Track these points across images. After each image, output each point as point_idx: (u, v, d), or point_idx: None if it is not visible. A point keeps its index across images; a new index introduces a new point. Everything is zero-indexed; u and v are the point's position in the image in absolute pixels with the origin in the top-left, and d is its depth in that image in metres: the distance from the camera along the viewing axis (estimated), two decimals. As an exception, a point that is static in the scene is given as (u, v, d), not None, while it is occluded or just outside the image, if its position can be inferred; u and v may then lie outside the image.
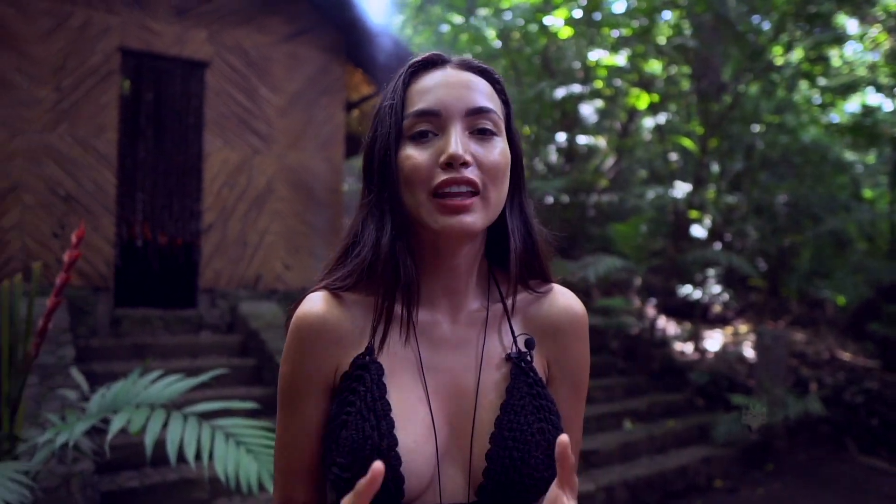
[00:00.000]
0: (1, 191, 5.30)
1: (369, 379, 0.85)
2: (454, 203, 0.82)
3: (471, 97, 0.86)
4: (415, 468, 0.81)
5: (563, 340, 0.94)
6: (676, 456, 5.80)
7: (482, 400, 0.87)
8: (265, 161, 6.57)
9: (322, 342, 0.89)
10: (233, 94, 6.40)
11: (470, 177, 0.82)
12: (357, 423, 0.82)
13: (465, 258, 0.89)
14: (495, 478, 0.83)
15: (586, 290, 8.89)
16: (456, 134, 0.83)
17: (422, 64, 0.90)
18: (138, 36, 5.90)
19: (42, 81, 5.47)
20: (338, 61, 6.93)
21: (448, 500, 0.84)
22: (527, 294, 0.95)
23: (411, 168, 0.84)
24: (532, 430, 0.84)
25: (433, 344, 0.89)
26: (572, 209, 9.16)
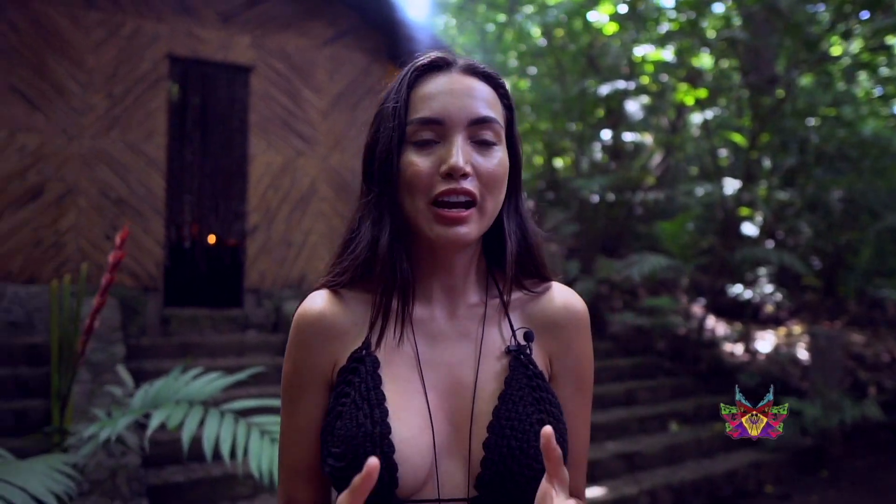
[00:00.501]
0: (58, 195, 5.52)
1: (364, 371, 0.86)
2: (451, 214, 0.83)
3: (474, 107, 0.86)
4: (409, 457, 0.81)
5: (563, 336, 0.94)
6: (724, 460, 5.64)
7: (481, 392, 0.87)
8: (308, 162, 6.67)
9: (320, 338, 0.90)
10: (276, 97, 6.52)
11: (469, 188, 0.84)
12: (351, 413, 0.83)
13: (461, 260, 0.92)
14: (493, 468, 0.82)
15: (632, 290, 8.73)
16: (458, 144, 0.84)
17: (426, 67, 0.90)
18: (185, 43, 6.07)
19: (95, 89, 5.68)
20: (379, 63, 6.98)
21: (447, 495, 0.83)
22: (524, 293, 0.96)
23: (412, 175, 0.85)
24: (531, 421, 0.84)
25: (431, 338, 0.90)
26: (618, 207, 9.01)
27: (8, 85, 5.43)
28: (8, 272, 5.33)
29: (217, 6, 6.22)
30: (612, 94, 8.25)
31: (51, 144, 5.52)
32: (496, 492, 0.83)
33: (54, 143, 5.53)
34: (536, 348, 0.93)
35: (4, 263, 5.34)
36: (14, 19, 5.46)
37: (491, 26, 12.14)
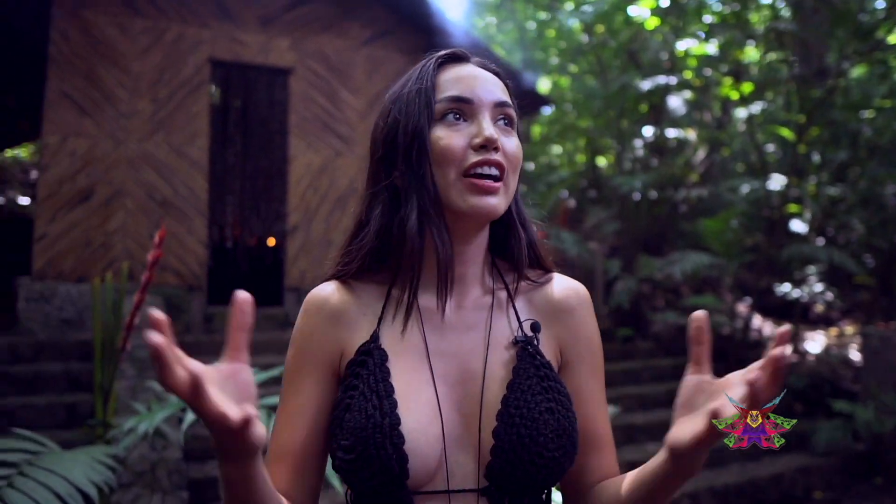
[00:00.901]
0: (106, 196, 5.71)
1: (372, 363, 0.86)
2: (485, 184, 0.85)
3: (497, 91, 0.91)
4: (419, 448, 0.81)
5: (571, 321, 0.96)
6: (771, 464, 5.47)
7: (489, 382, 0.88)
8: (347, 162, 6.74)
9: (325, 325, 0.91)
10: (315, 98, 6.61)
11: (500, 160, 0.86)
12: (360, 405, 0.83)
13: (473, 246, 0.92)
14: (503, 456, 0.82)
15: (675, 289, 8.56)
16: (487, 120, 0.88)
17: (448, 56, 0.94)
18: (227, 47, 6.20)
19: (141, 94, 5.85)
20: (417, 62, 7.00)
21: (457, 485, 0.84)
22: (527, 283, 0.97)
23: (445, 147, 0.86)
24: (540, 409, 0.84)
25: (439, 330, 0.91)
26: (661, 205, 8.85)
27: (60, 92, 5.64)
28: (60, 272, 5.54)
29: (257, 10, 6.34)
30: (654, 90, 8.10)
31: (99, 148, 5.72)
32: (506, 480, 0.83)
33: (103, 147, 5.73)
34: (545, 337, 0.94)
35: (57, 263, 5.56)
36: (66, 29, 5.68)
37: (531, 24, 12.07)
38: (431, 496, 0.83)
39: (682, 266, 6.18)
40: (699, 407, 0.73)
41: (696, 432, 0.69)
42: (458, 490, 0.84)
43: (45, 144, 5.66)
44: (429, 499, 0.83)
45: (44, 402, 4.28)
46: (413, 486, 0.82)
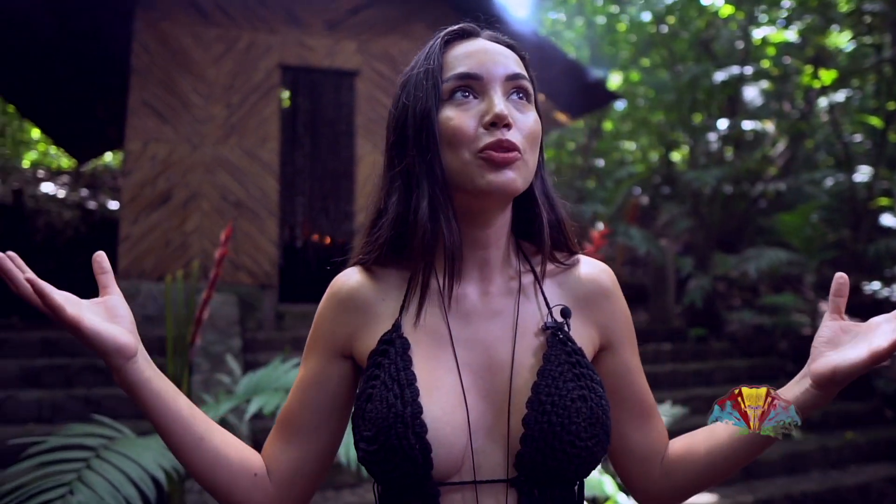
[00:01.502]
0: (184, 199, 5.99)
1: (394, 352, 0.84)
2: (501, 157, 0.80)
3: (509, 64, 0.87)
4: (443, 438, 0.79)
5: (607, 303, 0.93)
6: (856, 472, 5.17)
7: (519, 369, 0.85)
8: (413, 162, 6.80)
9: (338, 309, 0.91)
10: (381, 99, 6.70)
11: (513, 139, 0.82)
12: (381, 395, 0.81)
13: (495, 229, 0.88)
14: (534, 444, 0.79)
15: (752, 287, 8.22)
16: (498, 96, 0.83)
17: (455, 33, 0.91)
18: (295, 52, 6.38)
19: (215, 100, 6.10)
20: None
21: (485, 476, 0.81)
22: (554, 266, 0.93)
23: (455, 127, 0.83)
24: (572, 396, 0.81)
25: (464, 317, 0.88)
26: (737, 200, 8.50)
27: (141, 100, 5.95)
28: (142, 271, 5.85)
29: (324, 15, 6.49)
30: (729, 81, 7.80)
31: (177, 153, 6.00)
32: (537, 470, 0.80)
33: (180, 151, 6.01)
34: (579, 322, 0.91)
35: (139, 263, 5.87)
36: (146, 41, 5.99)
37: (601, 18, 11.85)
38: (458, 487, 0.81)
39: (757, 263, 5.92)
40: (844, 344, 0.81)
41: (858, 359, 0.77)
42: (486, 481, 0.81)
43: (128, 151, 5.99)
44: (455, 490, 0.81)
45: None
46: (438, 477, 0.80)
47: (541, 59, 6.74)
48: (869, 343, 0.77)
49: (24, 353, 4.92)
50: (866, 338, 0.79)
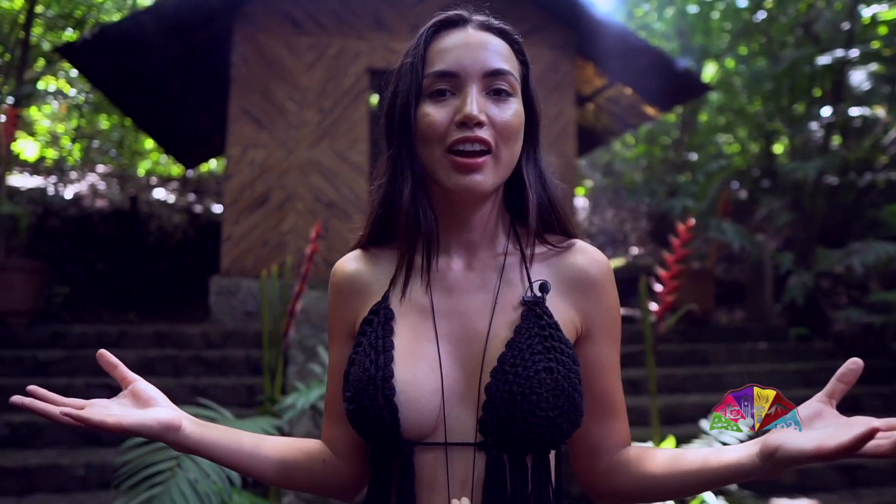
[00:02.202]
0: (280, 200, 6.31)
1: (377, 322, 0.91)
2: (467, 162, 0.85)
3: (488, 59, 0.88)
4: (412, 400, 0.84)
5: (593, 293, 0.94)
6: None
7: (493, 340, 0.89)
8: (498, 161, 6.85)
9: (344, 292, 0.98)
10: (466, 99, 6.80)
11: (483, 136, 0.85)
12: (360, 360, 0.88)
13: (479, 214, 0.93)
14: (494, 412, 0.83)
15: (861, 284, 7.71)
16: (472, 94, 0.86)
17: (443, 23, 0.92)
18: (382, 56, 6.58)
19: (308, 105, 6.39)
20: (567, 58, 6.96)
21: (457, 439, 0.86)
22: (547, 248, 0.96)
23: (428, 125, 0.87)
24: (537, 368, 0.84)
25: (447, 290, 0.93)
26: (842, 191, 8.00)
27: (241, 108, 6.32)
28: (243, 269, 6.21)
29: (409, 19, 6.65)
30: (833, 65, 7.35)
31: (274, 157, 6.33)
32: (499, 436, 0.83)
33: (276, 155, 6.34)
34: (565, 305, 0.93)
35: (240, 261, 6.23)
36: (244, 53, 6.35)
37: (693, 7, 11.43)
38: (431, 448, 0.86)
39: (863, 257, 5.56)
40: (813, 428, 0.75)
41: (802, 449, 0.71)
42: (455, 443, 0.85)
43: (229, 156, 6.37)
44: (428, 450, 0.86)
45: (229, 382, 4.84)
46: (411, 437, 0.85)
47: (626, 53, 6.62)
48: (822, 439, 0.70)
49: (139, 344, 5.35)
50: (829, 431, 0.72)
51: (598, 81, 7.91)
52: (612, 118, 8.87)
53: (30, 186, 9.22)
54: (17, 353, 4.92)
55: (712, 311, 6.79)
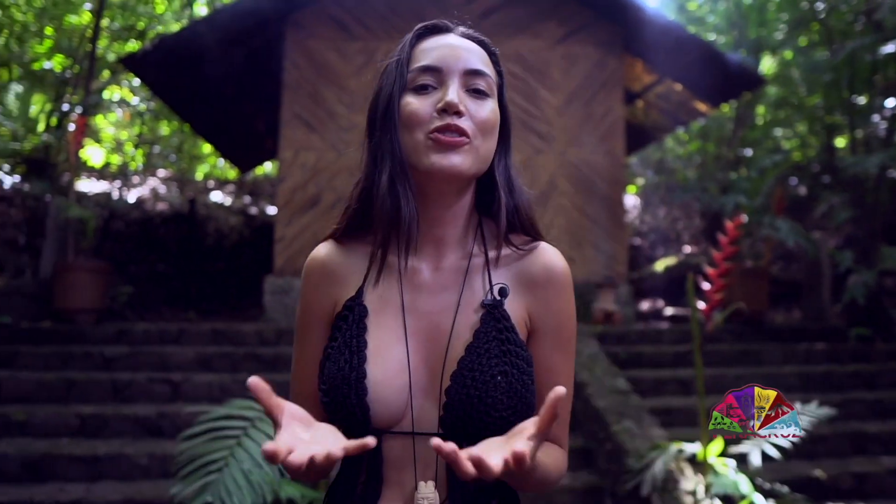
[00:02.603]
0: (331, 201, 6.46)
1: (351, 319, 0.96)
2: (447, 139, 0.89)
3: (469, 59, 0.95)
4: (383, 399, 0.91)
5: (542, 295, 0.99)
6: None
7: (455, 341, 0.94)
8: (546, 159, 6.85)
9: (321, 283, 1.01)
10: (513, 98, 6.81)
11: (462, 125, 0.90)
12: (335, 357, 0.94)
13: (452, 210, 0.97)
14: (453, 412, 0.90)
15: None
16: (454, 86, 0.92)
17: (428, 28, 1.00)
18: (430, 58, 6.65)
19: (357, 108, 6.53)
20: (614, 55, 6.90)
21: (422, 429, 0.92)
22: (513, 250, 1.00)
23: (411, 112, 0.92)
24: (493, 372, 0.90)
25: (416, 288, 0.97)
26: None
27: (293, 113, 6.50)
28: (295, 269, 6.39)
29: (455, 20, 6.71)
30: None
31: (324, 160, 6.49)
32: (457, 431, 0.90)
33: (327, 158, 6.49)
34: (517, 304, 0.98)
35: (292, 261, 6.41)
36: (296, 59, 6.53)
37: (749, -1, 11.13)
38: (398, 436, 0.93)
39: (928, 254, 5.34)
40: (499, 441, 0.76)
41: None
42: (421, 433, 0.92)
43: (282, 159, 6.56)
44: (396, 438, 0.93)
45: (282, 378, 4.98)
46: (380, 426, 0.91)
47: (676, 48, 6.52)
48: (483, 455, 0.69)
49: (198, 341, 5.56)
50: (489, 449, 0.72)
51: (647, 78, 7.81)
52: (662, 115, 8.74)
53: (96, 191, 9.67)
54: (86, 349, 5.19)
55: (766, 311, 6.62)
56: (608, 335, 5.91)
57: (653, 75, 7.73)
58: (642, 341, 6.01)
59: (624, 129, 6.99)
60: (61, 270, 5.81)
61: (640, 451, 3.73)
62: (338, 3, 6.65)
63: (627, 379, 4.80)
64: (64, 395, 4.69)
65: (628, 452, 3.79)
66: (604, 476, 4.01)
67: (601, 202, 6.87)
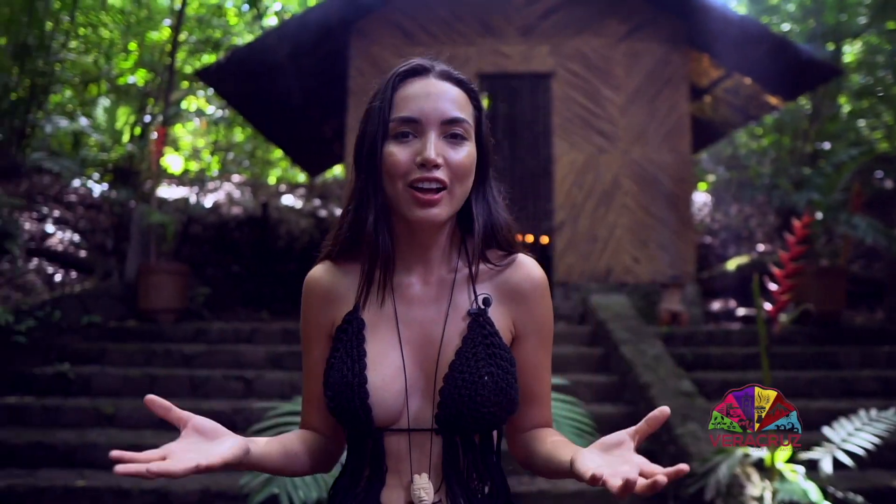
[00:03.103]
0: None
1: (351, 331, 1.08)
2: (425, 198, 1.00)
3: (446, 109, 1.02)
4: (382, 401, 1.03)
5: (524, 303, 1.11)
6: None
7: (445, 347, 1.06)
8: (610, 159, 6.79)
9: (319, 301, 1.13)
10: (576, 98, 6.79)
11: (439, 177, 1.00)
12: (338, 366, 1.05)
13: (435, 237, 1.09)
14: (447, 409, 1.03)
15: None
16: (431, 140, 1.00)
17: (407, 72, 1.06)
18: (491, 60, 6.71)
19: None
20: (678, 51, 6.77)
21: (416, 426, 1.05)
22: (490, 266, 1.11)
23: (393, 163, 1.01)
24: (481, 373, 1.02)
25: (408, 301, 1.09)
26: None
27: (358, 118, 6.63)
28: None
29: (517, 22, 6.74)
30: None
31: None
32: (451, 426, 1.03)
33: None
34: (502, 313, 1.10)
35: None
36: (360, 66, 6.71)
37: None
38: (397, 433, 1.05)
39: None
40: (606, 455, 0.85)
41: (590, 473, 0.79)
42: (417, 429, 1.05)
43: (348, 163, 6.72)
44: (395, 434, 1.05)
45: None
46: (381, 425, 1.04)
47: (743, 41, 6.34)
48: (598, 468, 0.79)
49: (269, 340, 5.81)
50: (609, 463, 0.82)
51: (714, 72, 7.62)
52: (731, 110, 8.49)
53: (175, 197, 10.18)
54: (166, 347, 5.51)
55: (842, 312, 6.34)
56: (674, 336, 5.81)
57: (720, 70, 7.53)
58: (710, 343, 5.88)
59: (690, 125, 6.85)
60: (144, 273, 6.17)
61: (705, 455, 3.67)
62: (400, 10, 6.80)
63: (693, 381, 4.72)
64: (147, 389, 4.99)
65: (692, 456, 3.73)
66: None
67: (667, 201, 6.75)
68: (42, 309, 5.43)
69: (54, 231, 7.45)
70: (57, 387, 5.02)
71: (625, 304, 6.19)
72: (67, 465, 4.21)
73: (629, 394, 4.82)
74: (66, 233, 7.52)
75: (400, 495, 1.04)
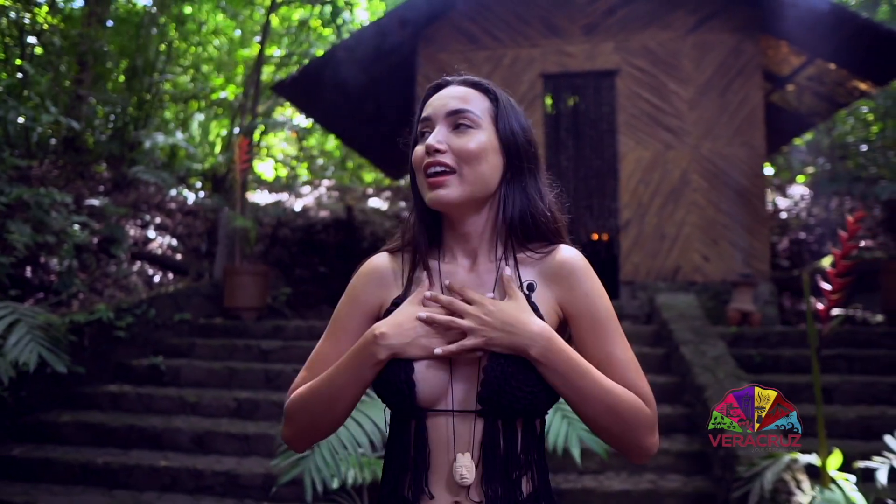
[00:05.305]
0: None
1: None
2: (432, 180, 1.10)
3: (450, 104, 1.14)
4: (425, 379, 1.07)
5: (566, 282, 1.14)
6: None
7: None
8: (678, 155, 6.65)
9: (371, 282, 1.21)
10: (642, 94, 6.70)
11: (442, 160, 1.10)
12: None
13: (474, 227, 1.16)
14: (489, 388, 1.05)
15: None
16: (437, 130, 1.12)
17: (434, 87, 1.21)
18: (555, 60, 6.74)
19: (484, 115, 6.77)
20: (751, 40, 6.52)
21: (461, 407, 1.08)
22: (534, 253, 1.17)
23: (413, 158, 1.15)
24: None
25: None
26: None
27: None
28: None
29: (580, 21, 6.73)
30: None
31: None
32: (493, 406, 1.05)
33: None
34: (546, 297, 1.14)
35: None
36: (427, 72, 6.92)
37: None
38: (440, 413, 1.09)
39: None
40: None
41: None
42: (460, 410, 1.08)
43: (416, 167, 6.96)
44: (439, 415, 1.09)
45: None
46: (425, 405, 1.07)
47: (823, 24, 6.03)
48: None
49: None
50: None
51: (794, 60, 7.26)
52: (816, 98, 8.03)
53: (267, 202, 10.83)
54: (246, 342, 5.95)
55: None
56: (744, 336, 5.63)
57: (801, 56, 7.17)
58: (783, 344, 5.64)
59: (763, 117, 6.57)
60: (229, 274, 6.68)
61: (752, 459, 3.60)
62: (465, 15, 6.95)
63: (760, 383, 4.57)
64: (227, 381, 5.43)
65: (739, 459, 3.67)
66: (718, 483, 3.91)
67: (738, 197, 6.53)
68: (139, 307, 6.01)
69: (155, 236, 8.17)
70: (151, 377, 5.56)
71: (691, 303, 6.05)
72: (155, 446, 4.68)
73: (688, 395, 4.75)
74: (166, 238, 8.23)
75: (440, 478, 1.07)
